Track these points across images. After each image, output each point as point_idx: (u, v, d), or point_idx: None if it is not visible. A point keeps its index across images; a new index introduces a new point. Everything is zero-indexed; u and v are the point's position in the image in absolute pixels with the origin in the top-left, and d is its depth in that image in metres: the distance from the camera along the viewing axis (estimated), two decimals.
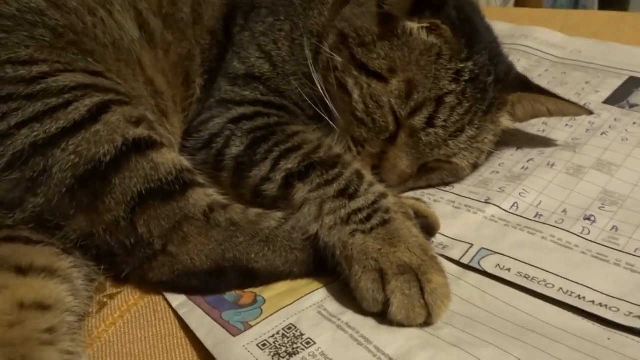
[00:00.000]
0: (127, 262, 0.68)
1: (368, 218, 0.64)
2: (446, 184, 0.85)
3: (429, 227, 0.70)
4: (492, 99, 0.80)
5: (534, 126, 0.96)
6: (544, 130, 0.96)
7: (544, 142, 0.92)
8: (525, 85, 0.87)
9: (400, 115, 0.77)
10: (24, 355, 0.49)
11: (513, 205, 0.77)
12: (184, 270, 0.67)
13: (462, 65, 0.77)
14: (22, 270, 0.60)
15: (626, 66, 1.12)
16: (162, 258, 0.66)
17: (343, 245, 0.63)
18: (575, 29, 1.34)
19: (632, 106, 0.99)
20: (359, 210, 0.65)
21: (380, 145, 0.79)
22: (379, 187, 0.69)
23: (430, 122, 0.76)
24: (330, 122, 0.82)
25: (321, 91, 0.83)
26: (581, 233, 0.71)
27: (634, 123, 0.93)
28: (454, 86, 0.76)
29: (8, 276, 0.59)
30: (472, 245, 0.70)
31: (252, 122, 0.80)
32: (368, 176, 0.70)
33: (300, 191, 0.69)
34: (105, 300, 0.70)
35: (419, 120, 0.76)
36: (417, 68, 0.76)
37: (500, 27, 0.93)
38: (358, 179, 0.69)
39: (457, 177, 0.84)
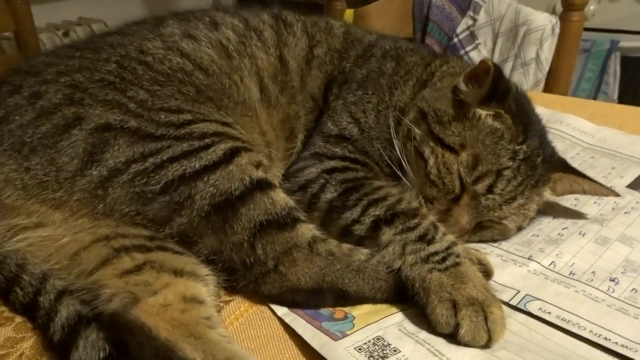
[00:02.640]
0: (245, 276, 0.86)
1: (443, 260, 0.82)
2: (495, 241, 1.03)
3: (486, 273, 0.87)
4: (539, 175, 0.99)
5: (567, 200, 1.15)
6: (575, 205, 1.14)
7: (576, 215, 1.10)
8: (565, 167, 1.06)
9: (466, 182, 0.96)
10: (200, 332, 0.67)
11: (551, 264, 0.95)
12: (291, 287, 0.84)
13: (518, 147, 0.96)
14: (178, 272, 0.78)
15: None
16: (274, 275, 0.84)
17: (422, 279, 0.81)
18: (601, 119, 1.54)
19: None
20: (436, 253, 0.83)
21: (446, 204, 0.98)
22: (451, 237, 0.87)
23: (489, 190, 0.95)
24: (406, 181, 1.02)
25: (399, 154, 1.02)
26: (607, 291, 0.88)
27: None
28: (511, 163, 0.95)
29: (169, 276, 0.77)
30: (519, 291, 0.88)
31: (344, 174, 0.99)
32: (441, 227, 0.89)
33: (386, 234, 0.88)
34: (221, 304, 0.88)
35: (481, 187, 0.95)
36: (482, 146, 0.95)
37: (538, 111, 1.13)
38: (434, 228, 0.87)
39: (504, 236, 1.02)
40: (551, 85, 2.61)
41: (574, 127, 1.47)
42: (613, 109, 1.70)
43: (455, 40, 2.50)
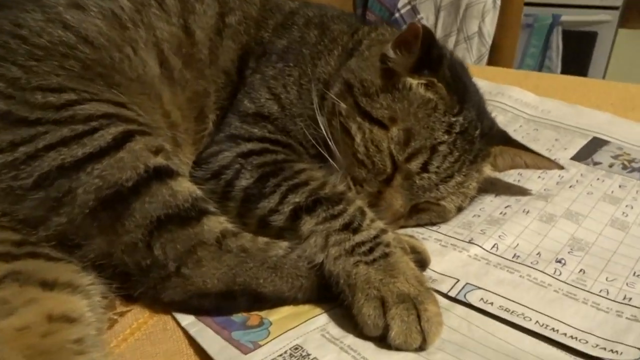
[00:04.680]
0: (141, 282, 0.72)
1: (370, 251, 0.71)
2: (433, 224, 0.93)
3: (421, 262, 0.77)
4: (477, 150, 0.90)
5: (510, 176, 1.06)
6: (519, 180, 1.06)
7: (519, 191, 1.02)
8: (506, 139, 0.97)
9: (398, 160, 0.85)
10: None
11: (493, 246, 0.86)
12: (196, 292, 0.72)
13: (454, 119, 0.86)
14: (48, 285, 0.64)
15: (591, 127, 1.25)
16: (176, 279, 0.71)
17: (347, 274, 0.70)
18: (545, 91, 1.47)
19: (595, 163, 1.11)
20: (362, 243, 0.72)
21: (377, 185, 0.87)
22: (380, 224, 0.76)
23: (424, 168, 0.85)
24: (332, 162, 0.90)
25: (325, 133, 0.91)
26: (554, 274, 0.79)
27: (598, 179, 1.05)
28: (446, 137, 0.85)
29: (36, 290, 0.63)
30: (458, 280, 0.78)
31: (261, 158, 0.87)
32: (369, 213, 0.78)
33: (307, 223, 0.76)
34: (115, 317, 0.74)
35: (414, 165, 0.85)
36: (415, 119, 0.85)
37: (480, 84, 1.04)
38: (361, 215, 0.76)
39: (443, 218, 0.92)
40: (495, 60, 2.56)
41: (516, 99, 1.40)
42: (557, 80, 1.64)
43: (397, 15, 2.41)
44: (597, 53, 3.48)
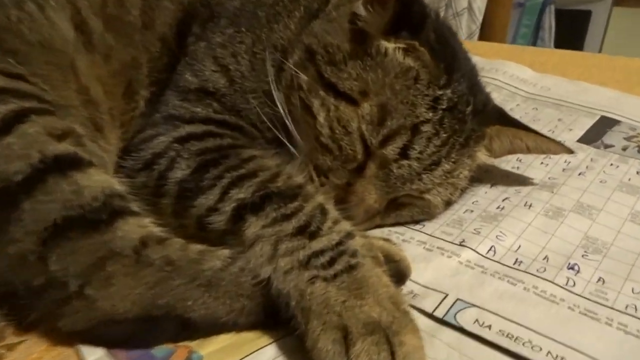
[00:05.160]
0: (34, 306, 0.55)
1: (331, 262, 0.54)
2: (416, 222, 0.76)
3: (399, 274, 0.61)
4: (469, 130, 0.73)
5: (508, 162, 0.90)
6: (518, 168, 0.90)
7: (519, 181, 0.86)
8: (504, 118, 0.80)
9: (371, 144, 0.68)
10: None
11: (490, 250, 0.70)
12: (105, 318, 0.54)
13: (440, 92, 0.69)
14: None
15: (597, 105, 1.09)
16: (78, 303, 0.54)
17: (300, 294, 0.53)
18: (542, 67, 1.31)
19: (607, 146, 0.95)
20: (321, 252, 0.56)
21: (346, 176, 0.70)
22: (345, 226, 0.59)
23: (403, 153, 0.68)
24: (291, 147, 0.73)
25: (282, 112, 0.74)
26: (566, 285, 0.63)
27: (611, 164, 0.89)
28: (431, 114, 0.68)
29: None
30: (447, 295, 0.62)
31: (202, 143, 0.70)
32: (333, 212, 0.61)
33: (253, 226, 0.59)
34: (2, 352, 0.57)
35: (391, 150, 0.68)
36: (391, 92, 0.68)
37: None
38: (321, 214, 0.59)
39: (428, 214, 0.76)
40: (486, 38, 2.39)
41: (512, 74, 1.24)
42: (553, 55, 1.48)
43: None
44: (591, 32, 3.33)
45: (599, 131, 1.00)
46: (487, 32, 2.38)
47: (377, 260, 0.57)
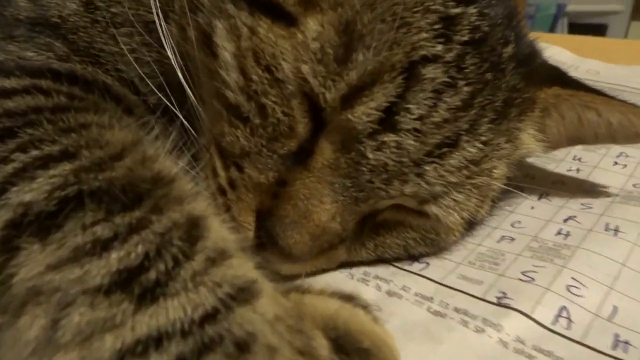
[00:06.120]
0: None
1: (197, 355, 0.20)
2: (413, 258, 0.42)
3: None
4: (511, 89, 0.40)
5: (561, 162, 0.56)
6: (578, 170, 0.56)
7: (586, 189, 0.52)
8: (564, 77, 0.47)
9: (323, 101, 0.34)
10: None
11: (559, 316, 0.35)
12: None
13: (458, 10, 0.36)
14: None
15: None
16: None
17: None
18: (578, 52, 1.00)
19: None
20: (166, 337, 0.21)
21: (276, 166, 0.36)
22: (242, 266, 0.25)
23: (388, 121, 0.34)
24: (183, 120, 0.40)
25: (171, 56, 0.41)
26: None
27: None
28: (440, 47, 0.35)
29: None
30: None
31: (5, 102, 0.36)
32: (219, 233, 0.27)
33: (31, 266, 0.25)
34: None
35: (363, 113, 0.34)
36: None
37: None
38: (188, 239, 0.25)
39: (435, 244, 0.42)
40: None
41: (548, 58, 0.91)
42: (590, 42, 1.16)
43: None
44: None
45: None
46: None
47: (308, 351, 0.23)
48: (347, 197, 0.36)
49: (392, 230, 0.40)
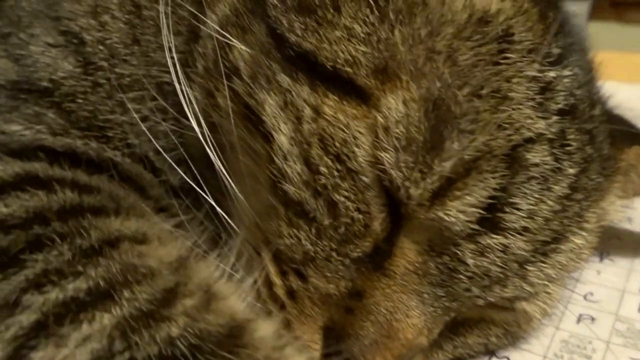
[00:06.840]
0: None
1: None
2: (489, 353, 0.36)
3: None
4: (603, 158, 0.34)
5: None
6: (630, 220, 0.51)
7: None
8: (634, 131, 0.42)
9: (406, 196, 0.28)
10: None
11: None
12: None
13: (553, 75, 0.30)
14: None
15: None
16: None
17: None
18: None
19: None
20: None
21: (349, 273, 0.29)
22: None
23: (492, 218, 0.28)
24: (218, 209, 0.32)
25: (197, 129, 0.33)
26: None
27: None
28: (542, 124, 0.29)
29: None
30: None
31: None
32: None
33: None
34: None
35: (458, 209, 0.28)
36: (451, 68, 0.28)
37: None
38: None
39: (515, 337, 0.36)
40: None
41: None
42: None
43: None
44: None
45: None
46: None
47: None
48: (437, 307, 0.29)
49: (474, 328, 0.34)
